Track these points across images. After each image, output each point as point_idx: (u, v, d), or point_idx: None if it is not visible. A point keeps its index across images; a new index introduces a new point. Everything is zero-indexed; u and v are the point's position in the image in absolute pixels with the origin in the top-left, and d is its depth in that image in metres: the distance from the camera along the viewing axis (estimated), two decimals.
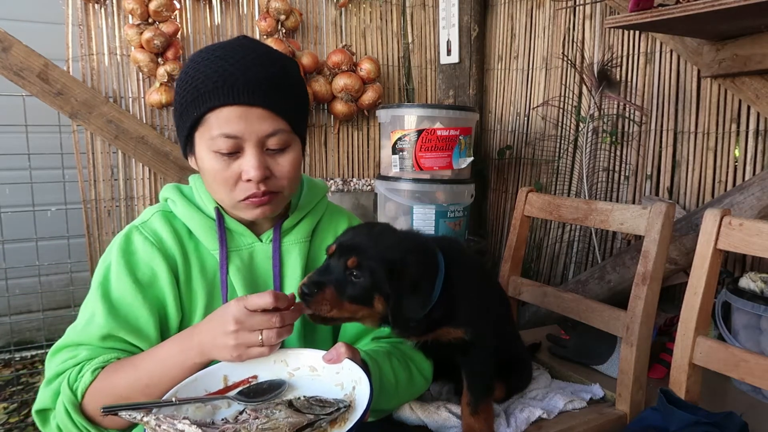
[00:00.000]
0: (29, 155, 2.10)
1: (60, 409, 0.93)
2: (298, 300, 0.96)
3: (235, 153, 0.98)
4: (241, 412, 0.85)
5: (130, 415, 0.78)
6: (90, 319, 0.99)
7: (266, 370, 0.94)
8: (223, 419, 0.84)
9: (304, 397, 0.85)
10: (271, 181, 1.01)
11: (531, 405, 1.30)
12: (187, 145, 1.05)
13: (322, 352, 0.95)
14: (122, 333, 0.98)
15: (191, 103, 0.98)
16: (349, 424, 0.77)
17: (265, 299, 0.88)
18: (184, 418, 0.77)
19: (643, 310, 1.33)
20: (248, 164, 0.98)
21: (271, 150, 1.00)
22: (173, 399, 0.85)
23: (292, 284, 1.11)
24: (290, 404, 0.82)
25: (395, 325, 1.03)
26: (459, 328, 1.12)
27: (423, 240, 1.13)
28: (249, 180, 0.98)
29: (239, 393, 0.90)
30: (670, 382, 1.30)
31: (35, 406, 0.97)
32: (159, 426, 0.76)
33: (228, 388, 0.92)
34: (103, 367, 0.95)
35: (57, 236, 2.21)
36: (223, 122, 0.96)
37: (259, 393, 0.90)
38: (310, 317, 0.97)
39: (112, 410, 0.78)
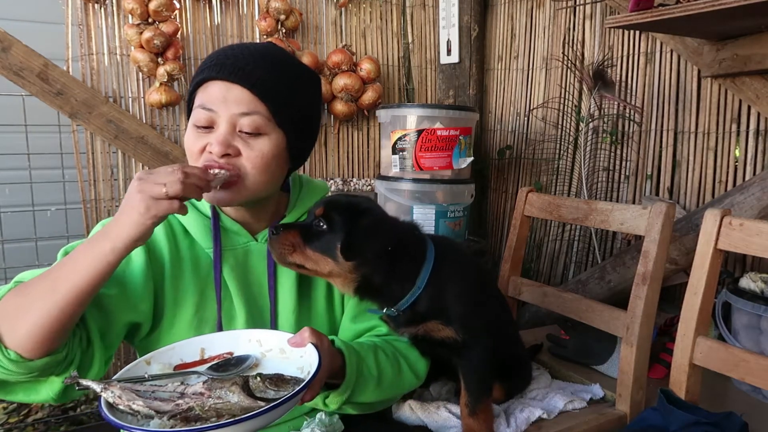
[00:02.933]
0: (29, 155, 2.10)
1: None
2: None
3: (209, 127, 1.01)
4: (204, 383, 0.86)
5: (89, 386, 0.79)
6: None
7: (241, 348, 0.97)
8: (180, 393, 0.84)
9: (261, 377, 0.84)
10: (234, 161, 1.00)
11: (531, 405, 1.30)
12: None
13: (290, 335, 0.95)
14: None
15: (192, 83, 1.05)
16: (274, 404, 0.77)
17: (170, 166, 0.88)
18: (141, 397, 0.79)
19: (643, 310, 1.33)
20: (214, 137, 1.00)
21: (243, 132, 1.00)
22: (145, 374, 0.87)
23: (287, 285, 1.11)
24: (245, 385, 0.83)
25: (345, 257, 1.01)
26: (449, 326, 1.11)
27: (407, 221, 1.15)
28: (211, 153, 1.00)
29: (210, 367, 0.92)
30: (670, 382, 1.30)
31: None
32: (117, 405, 0.78)
33: (203, 361, 0.94)
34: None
35: (57, 236, 2.21)
36: (205, 96, 1.01)
37: (228, 368, 0.92)
38: (277, 257, 1.02)
39: (74, 380, 0.80)
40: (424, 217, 2.11)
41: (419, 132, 2.07)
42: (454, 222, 2.16)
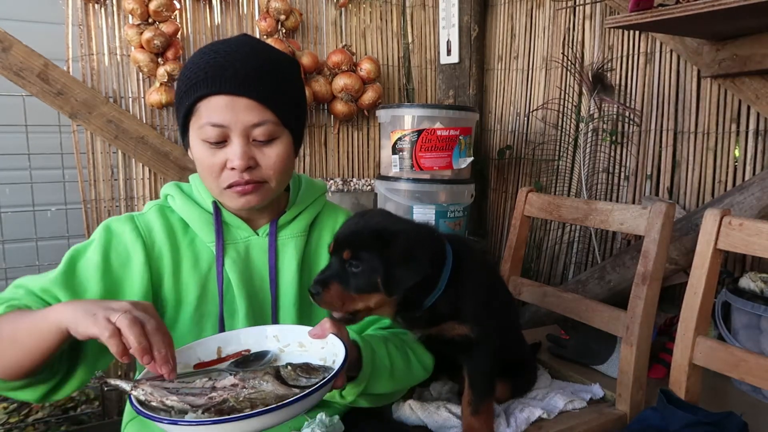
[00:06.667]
0: (29, 155, 2.10)
1: None
2: None
3: (222, 142, 1.01)
4: (235, 376, 0.87)
5: (118, 385, 0.80)
6: (50, 272, 1.00)
7: (258, 345, 0.97)
8: (211, 387, 0.84)
9: (291, 366, 0.85)
10: (256, 171, 1.03)
11: (531, 405, 1.30)
12: (185, 136, 1.07)
13: (309, 328, 0.96)
14: (62, 293, 0.96)
15: (185, 94, 1.02)
16: (313, 389, 0.78)
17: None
18: (173, 394, 0.79)
19: (643, 310, 1.33)
20: (233, 153, 1.00)
21: (257, 141, 1.02)
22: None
23: (288, 278, 1.12)
24: (277, 374, 0.83)
25: (389, 293, 1.01)
26: (465, 324, 1.12)
27: (424, 224, 1.14)
28: (233, 168, 1.00)
29: (230, 364, 0.93)
30: (670, 382, 1.30)
31: None
32: (149, 402, 0.78)
33: (221, 360, 0.94)
34: (14, 309, 0.91)
35: (57, 236, 2.21)
36: (211, 111, 0.99)
37: (247, 364, 0.93)
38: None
39: (102, 380, 0.81)
40: (424, 218, 2.11)
41: (419, 132, 2.08)
42: (454, 222, 2.17)
